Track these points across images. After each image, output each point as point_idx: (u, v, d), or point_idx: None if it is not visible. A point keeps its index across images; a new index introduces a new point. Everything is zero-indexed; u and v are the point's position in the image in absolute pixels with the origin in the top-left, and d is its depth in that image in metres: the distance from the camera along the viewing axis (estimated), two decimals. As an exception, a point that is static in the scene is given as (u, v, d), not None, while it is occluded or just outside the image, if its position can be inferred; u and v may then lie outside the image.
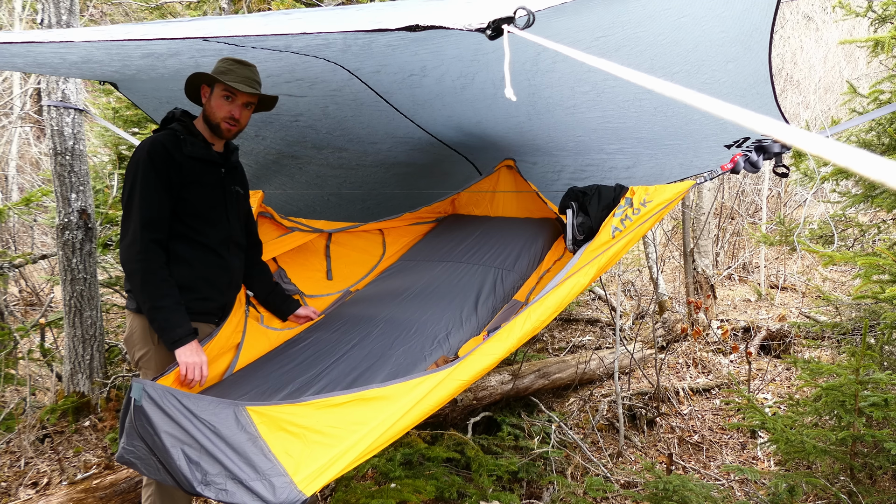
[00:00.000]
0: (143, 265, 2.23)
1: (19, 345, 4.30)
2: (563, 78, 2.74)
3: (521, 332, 2.21)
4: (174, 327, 2.23)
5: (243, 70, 2.36)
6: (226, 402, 1.96)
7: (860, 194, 4.06)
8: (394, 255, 3.62)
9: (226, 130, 2.43)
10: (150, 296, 2.24)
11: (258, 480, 1.78)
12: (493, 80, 2.78)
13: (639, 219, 2.45)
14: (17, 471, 3.53)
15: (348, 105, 3.18)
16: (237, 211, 2.59)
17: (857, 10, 4.20)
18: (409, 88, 2.97)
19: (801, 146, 0.71)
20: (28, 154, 10.37)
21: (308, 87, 2.94)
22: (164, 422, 1.85)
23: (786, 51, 13.43)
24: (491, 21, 1.29)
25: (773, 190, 10.52)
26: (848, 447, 3.19)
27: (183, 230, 2.36)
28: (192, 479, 1.78)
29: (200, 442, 1.83)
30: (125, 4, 9.05)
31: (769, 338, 6.06)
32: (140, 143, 2.33)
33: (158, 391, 1.89)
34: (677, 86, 0.86)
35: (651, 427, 4.59)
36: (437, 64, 2.65)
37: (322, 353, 2.58)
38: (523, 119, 3.26)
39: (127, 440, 1.89)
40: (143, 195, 2.25)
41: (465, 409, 4.16)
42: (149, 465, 1.89)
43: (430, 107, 3.21)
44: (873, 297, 3.54)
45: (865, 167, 0.62)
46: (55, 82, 3.82)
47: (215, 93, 2.38)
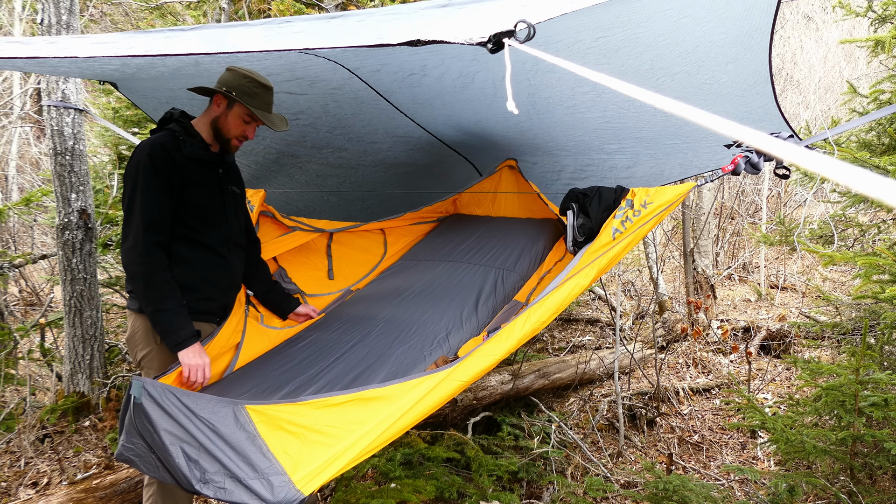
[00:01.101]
0: (145, 268, 2.24)
1: (19, 345, 4.29)
2: (563, 78, 2.74)
3: (520, 333, 2.22)
4: (177, 330, 2.24)
5: (267, 95, 2.42)
6: (225, 400, 1.97)
7: (860, 194, 4.06)
8: (395, 254, 3.62)
9: (234, 147, 2.49)
10: (152, 299, 2.25)
11: (257, 479, 1.78)
12: (494, 79, 2.78)
13: (639, 220, 2.45)
14: (17, 471, 3.53)
15: (348, 103, 3.18)
16: (235, 210, 2.60)
17: (857, 10, 4.20)
18: (409, 87, 2.98)
19: (796, 162, 0.71)
20: (28, 154, 10.37)
21: (308, 85, 2.94)
22: (164, 420, 1.86)
23: (786, 51, 13.43)
24: (492, 35, 1.29)
25: (773, 190, 10.52)
26: (848, 447, 3.19)
27: (183, 231, 2.36)
28: (190, 477, 1.79)
29: (199, 440, 1.83)
30: (125, 4, 9.05)
31: (769, 338, 6.06)
32: (139, 145, 2.33)
33: (158, 389, 1.90)
34: (678, 102, 0.86)
35: (651, 427, 4.59)
36: (437, 63, 2.65)
37: (322, 353, 2.58)
38: (523, 118, 3.26)
39: (126, 438, 1.89)
40: (144, 197, 2.25)
41: (465, 408, 4.16)
42: (148, 462, 1.89)
43: (430, 106, 3.21)
44: (873, 297, 3.54)
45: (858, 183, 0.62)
46: (55, 82, 3.82)
47: (235, 111, 2.41)
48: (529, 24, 1.30)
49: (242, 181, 2.73)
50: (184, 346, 2.23)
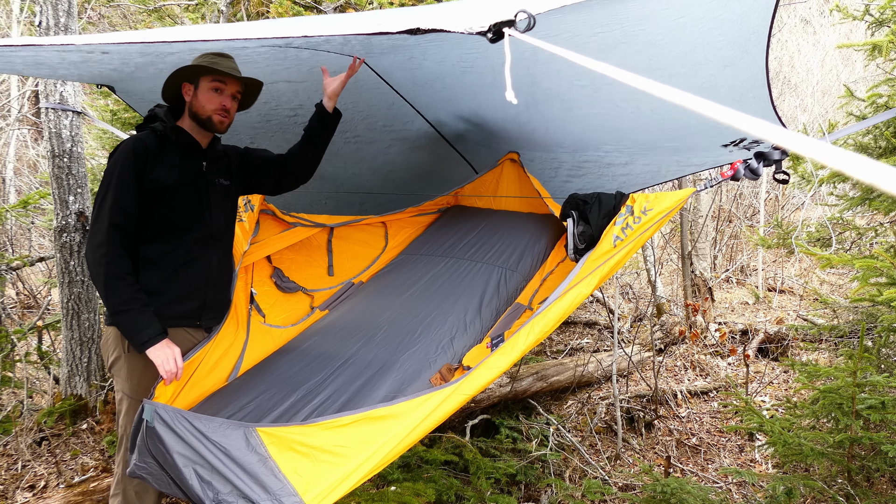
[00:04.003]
0: (107, 269, 2.17)
1: (16, 347, 4.28)
2: (562, 70, 2.74)
3: (524, 344, 2.24)
4: (142, 329, 2.18)
5: (226, 62, 2.32)
6: (235, 423, 1.99)
7: (857, 197, 4.07)
8: (396, 246, 3.62)
9: (218, 123, 2.36)
10: (114, 300, 2.18)
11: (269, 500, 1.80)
12: (493, 66, 2.77)
13: (640, 227, 2.45)
14: (14, 474, 3.52)
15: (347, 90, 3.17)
16: (221, 203, 2.50)
17: (854, 14, 4.21)
18: (409, 70, 2.96)
19: (796, 149, 0.72)
20: (26, 156, 10.35)
21: (308, 70, 2.93)
22: (176, 442, 1.87)
23: (783, 54, 13.47)
24: (492, 24, 1.30)
25: (771, 193, 10.54)
26: (845, 450, 3.19)
27: (157, 229, 2.30)
28: (203, 497, 1.81)
29: (211, 462, 1.86)
30: (123, 7, 9.05)
31: (767, 340, 6.06)
32: (121, 143, 2.29)
33: (170, 413, 1.92)
34: (676, 90, 0.86)
35: (649, 430, 4.60)
36: (436, 49, 2.65)
37: (327, 357, 2.57)
38: (521, 109, 3.24)
39: (139, 457, 1.92)
40: (114, 197, 2.19)
41: (463, 411, 4.16)
42: (160, 480, 1.92)
43: (430, 88, 3.18)
44: (871, 299, 3.55)
45: (858, 170, 0.62)
46: (53, 85, 3.82)
47: (202, 87, 2.33)
48: (530, 15, 1.30)
49: (233, 170, 2.60)
50: (150, 344, 2.17)
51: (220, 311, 2.55)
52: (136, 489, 2.29)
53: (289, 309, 3.07)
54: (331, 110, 2.65)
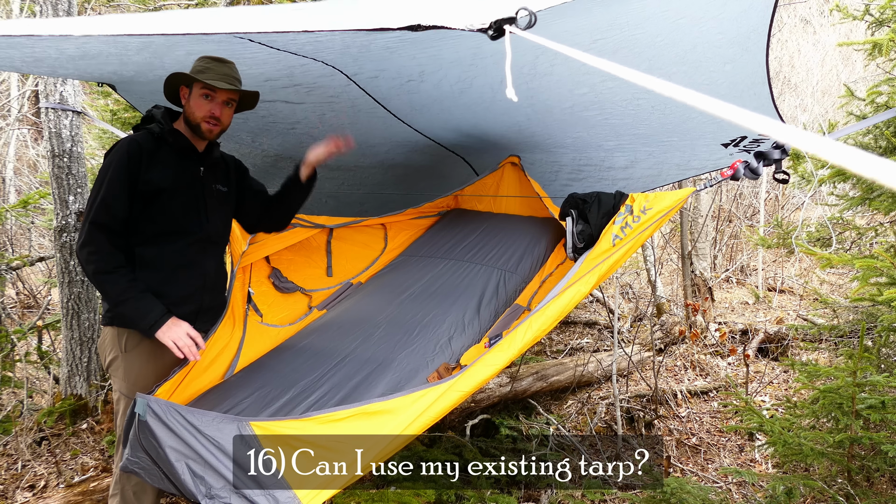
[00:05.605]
0: (95, 266, 2.17)
1: (16, 347, 4.28)
2: (561, 80, 2.74)
3: (522, 342, 2.23)
4: (146, 313, 2.17)
5: (221, 67, 2.30)
6: (229, 417, 1.97)
7: (858, 197, 4.07)
8: (396, 248, 3.61)
9: (207, 131, 2.34)
10: (111, 292, 2.19)
11: (262, 495, 1.80)
12: (492, 84, 2.78)
13: (639, 227, 2.45)
14: (14, 474, 3.52)
15: (346, 112, 3.18)
16: (218, 208, 2.48)
17: (854, 14, 4.21)
18: (406, 94, 2.97)
19: (796, 144, 0.71)
20: (26, 156, 10.35)
21: (306, 93, 2.93)
22: (168, 437, 1.87)
23: (783, 54, 13.47)
24: (493, 21, 1.29)
25: (771, 193, 10.53)
26: (845, 450, 3.19)
27: (154, 231, 2.29)
28: (196, 491, 1.81)
29: (204, 457, 1.85)
30: (123, 7, 9.04)
31: (767, 340, 6.06)
32: (117, 143, 2.29)
33: (162, 407, 1.91)
34: (676, 85, 0.86)
35: (649, 429, 4.59)
36: (435, 69, 2.65)
37: (324, 355, 2.57)
38: (522, 120, 3.26)
39: (131, 452, 1.91)
40: (104, 196, 2.19)
41: (463, 411, 4.15)
42: (153, 475, 1.91)
43: (427, 111, 3.20)
44: (871, 299, 3.55)
45: (859, 165, 0.62)
46: (53, 84, 3.82)
47: (194, 93, 2.32)
48: (530, 12, 1.30)
49: (232, 179, 2.60)
50: (157, 326, 2.17)
51: (215, 315, 2.55)
52: (135, 489, 2.28)
53: (286, 309, 3.07)
54: (304, 179, 2.69)
